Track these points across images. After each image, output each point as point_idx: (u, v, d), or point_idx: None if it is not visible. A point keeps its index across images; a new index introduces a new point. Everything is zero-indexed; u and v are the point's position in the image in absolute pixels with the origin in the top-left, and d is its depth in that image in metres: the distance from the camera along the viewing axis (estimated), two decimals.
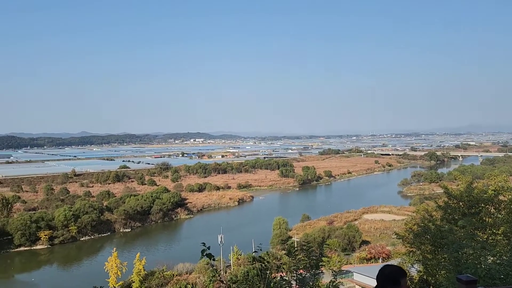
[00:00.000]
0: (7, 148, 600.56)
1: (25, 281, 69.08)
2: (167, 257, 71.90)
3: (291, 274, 8.35)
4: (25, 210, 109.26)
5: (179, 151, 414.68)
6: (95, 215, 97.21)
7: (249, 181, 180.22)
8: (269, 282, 7.71)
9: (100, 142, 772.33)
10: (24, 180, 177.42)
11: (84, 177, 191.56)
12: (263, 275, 7.74)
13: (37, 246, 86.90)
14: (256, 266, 8.22)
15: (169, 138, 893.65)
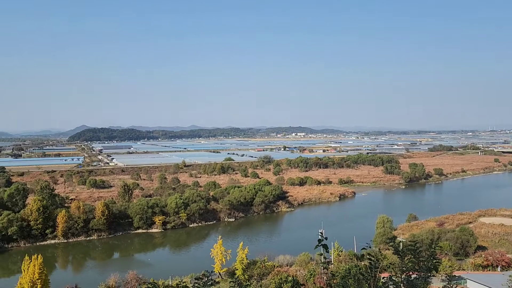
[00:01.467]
0: (128, 140, 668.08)
1: (142, 260, 76.26)
2: (268, 248, 73.52)
3: (399, 275, 7.76)
4: (142, 196, 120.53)
5: (281, 144, 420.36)
6: (203, 204, 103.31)
7: (351, 176, 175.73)
8: (376, 281, 7.26)
9: (207, 135, 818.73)
10: (142, 169, 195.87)
11: (193, 168, 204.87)
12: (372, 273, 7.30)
13: (153, 229, 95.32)
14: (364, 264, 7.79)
15: (271, 132, 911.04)
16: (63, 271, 72.89)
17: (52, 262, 74.30)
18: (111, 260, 79.11)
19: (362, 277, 7.62)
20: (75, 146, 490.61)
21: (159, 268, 68.76)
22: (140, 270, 61.10)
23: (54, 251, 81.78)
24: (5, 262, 75.84)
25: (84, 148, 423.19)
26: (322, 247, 7.47)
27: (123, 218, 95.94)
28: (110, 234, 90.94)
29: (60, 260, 79.14)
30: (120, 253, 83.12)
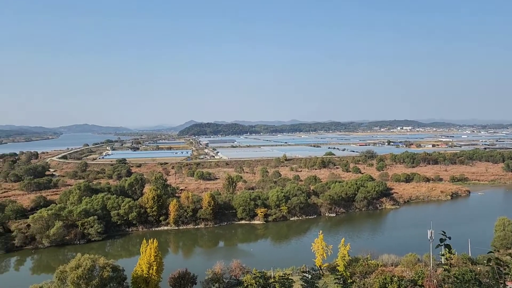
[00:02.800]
0: (232, 134, 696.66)
1: (245, 250, 79.06)
2: (371, 246, 70.93)
3: None
4: (245, 188, 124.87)
5: (385, 139, 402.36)
6: (303, 198, 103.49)
7: (464, 173, 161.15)
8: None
9: (308, 129, 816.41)
10: (244, 162, 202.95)
11: (293, 162, 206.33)
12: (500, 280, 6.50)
13: (255, 221, 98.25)
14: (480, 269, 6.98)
15: (374, 126, 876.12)
16: (175, 256, 78.82)
17: (165, 247, 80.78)
18: (217, 248, 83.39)
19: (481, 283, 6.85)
20: (184, 140, 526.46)
21: (261, 259, 70.62)
22: (243, 259, 63.36)
23: (167, 236, 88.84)
24: (127, 244, 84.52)
25: (192, 142, 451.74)
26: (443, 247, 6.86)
27: (227, 209, 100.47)
28: (215, 223, 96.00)
29: (172, 245, 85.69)
30: (224, 242, 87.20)
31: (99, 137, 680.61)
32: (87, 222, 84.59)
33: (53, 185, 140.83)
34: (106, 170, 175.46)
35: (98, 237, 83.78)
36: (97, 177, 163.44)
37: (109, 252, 77.49)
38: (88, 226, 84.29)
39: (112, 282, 48.86)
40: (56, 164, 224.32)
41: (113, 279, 49.04)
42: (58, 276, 46.97)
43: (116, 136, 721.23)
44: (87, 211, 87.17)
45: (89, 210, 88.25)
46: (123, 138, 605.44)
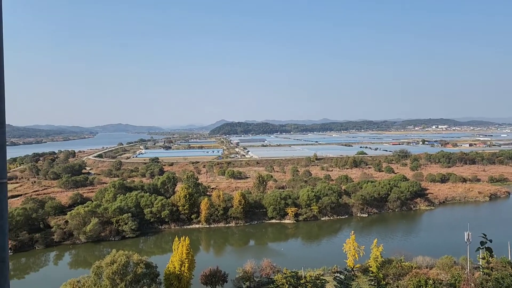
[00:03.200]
0: (263, 133, 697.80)
1: (276, 249, 78.99)
2: (405, 248, 69.31)
3: None
4: (276, 187, 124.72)
5: (419, 138, 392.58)
6: (334, 197, 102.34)
7: (504, 174, 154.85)
8: None
9: (339, 128, 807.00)
10: (275, 161, 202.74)
11: (324, 161, 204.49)
12: None
13: (285, 220, 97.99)
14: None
15: (408, 125, 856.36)
16: (206, 253, 79.72)
17: (196, 245, 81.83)
18: (247, 247, 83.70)
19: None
20: (215, 139, 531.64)
21: (291, 258, 70.36)
22: (273, 259, 63.33)
23: (198, 234, 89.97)
24: (159, 241, 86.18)
25: (223, 141, 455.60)
26: (484, 250, 6.58)
27: (258, 208, 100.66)
28: (246, 222, 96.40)
29: (203, 243, 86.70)
30: (255, 240, 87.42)
31: (132, 136, 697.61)
32: (121, 219, 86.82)
33: (89, 183, 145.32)
34: (139, 169, 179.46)
35: (132, 234, 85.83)
36: (131, 175, 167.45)
37: (143, 249, 79.24)
38: (122, 223, 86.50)
39: (146, 278, 49.92)
40: (92, 163, 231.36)
41: (146, 275, 50.10)
42: (95, 271, 48.45)
43: (149, 136, 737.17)
44: (121, 209, 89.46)
45: (124, 207, 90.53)
46: (155, 137, 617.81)
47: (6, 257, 2.29)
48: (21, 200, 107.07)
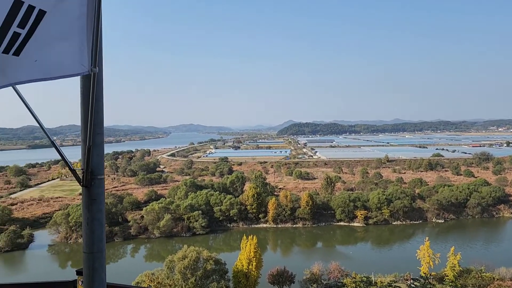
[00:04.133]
0: (331, 134, 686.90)
1: (344, 253, 77.22)
2: (485, 257, 64.29)
3: None
4: (344, 189, 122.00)
5: (503, 140, 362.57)
6: (407, 201, 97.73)
7: None
8: None
9: (413, 129, 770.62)
10: (343, 163, 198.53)
11: (396, 163, 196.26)
12: None
13: (354, 223, 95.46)
14: None
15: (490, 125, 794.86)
16: (273, 253, 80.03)
17: (264, 244, 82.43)
18: (315, 248, 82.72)
19: None
20: (283, 139, 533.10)
21: (360, 263, 68.30)
22: (341, 262, 61.93)
23: (265, 234, 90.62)
24: (228, 239, 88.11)
25: (290, 142, 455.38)
26: None
27: (325, 210, 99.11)
28: (313, 223, 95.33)
29: (271, 243, 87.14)
30: (323, 242, 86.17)
31: (203, 136, 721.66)
32: (192, 216, 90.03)
33: (163, 181, 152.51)
34: (209, 168, 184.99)
35: (202, 231, 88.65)
36: (201, 174, 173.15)
37: (212, 246, 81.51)
38: (193, 220, 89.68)
39: (215, 275, 51.25)
40: (165, 161, 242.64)
41: (215, 272, 51.43)
42: (167, 265, 50.73)
43: (219, 135, 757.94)
44: (192, 206, 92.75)
45: (194, 205, 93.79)
46: (225, 138, 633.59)
47: (104, 247, 2.54)
48: None
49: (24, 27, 2.09)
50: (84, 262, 2.46)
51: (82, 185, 2.45)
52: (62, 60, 2.15)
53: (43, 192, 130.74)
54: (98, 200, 2.55)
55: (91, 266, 2.45)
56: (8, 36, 2.07)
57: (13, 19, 2.06)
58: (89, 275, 2.42)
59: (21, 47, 2.11)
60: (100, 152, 2.49)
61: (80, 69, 2.15)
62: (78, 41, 2.13)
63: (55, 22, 2.12)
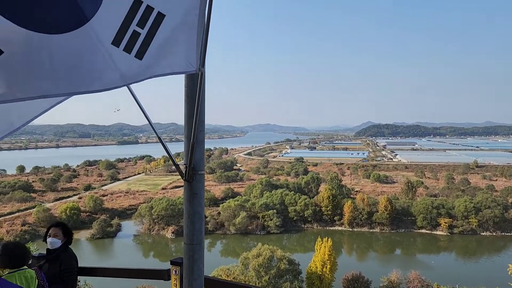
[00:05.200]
0: (413, 136, 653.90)
1: (425, 262, 73.02)
2: None
3: None
4: (427, 195, 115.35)
5: None
6: (499, 211, 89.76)
7: None
8: None
9: (507, 132, 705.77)
10: (426, 167, 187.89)
11: (486, 169, 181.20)
12: None
13: (437, 231, 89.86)
14: None
15: None
16: (348, 257, 78.17)
17: (338, 247, 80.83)
18: (393, 255, 79.37)
19: None
20: (360, 141, 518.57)
21: (443, 274, 64.08)
22: (422, 272, 58.68)
23: (340, 237, 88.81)
24: (302, 240, 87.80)
25: (368, 143, 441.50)
26: None
27: (405, 215, 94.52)
28: (392, 229, 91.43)
29: (346, 246, 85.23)
30: (401, 250, 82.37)
31: (279, 136, 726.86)
32: (267, 215, 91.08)
33: (239, 179, 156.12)
34: (285, 168, 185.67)
35: (276, 230, 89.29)
36: (276, 173, 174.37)
37: (286, 246, 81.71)
38: (267, 219, 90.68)
39: (288, 274, 51.39)
40: (242, 160, 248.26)
41: (289, 272, 51.57)
42: (242, 261, 51.91)
43: (295, 136, 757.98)
44: (267, 205, 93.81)
45: (269, 204, 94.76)
46: (301, 138, 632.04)
47: (203, 239, 2.74)
48: (182, 191, 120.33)
49: (143, 27, 2.10)
50: (184, 252, 2.59)
51: (185, 180, 2.58)
52: (173, 60, 2.22)
53: (130, 185, 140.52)
54: (199, 195, 2.67)
55: (191, 256, 2.57)
56: (128, 34, 2.08)
57: (133, 17, 2.08)
58: (189, 265, 2.55)
59: (143, 50, 2.12)
60: (201, 148, 2.61)
61: (188, 68, 2.26)
62: (188, 42, 2.19)
63: (172, 25, 2.14)
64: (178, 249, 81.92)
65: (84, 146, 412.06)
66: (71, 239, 5.46)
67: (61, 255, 5.18)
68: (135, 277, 5.25)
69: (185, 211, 2.66)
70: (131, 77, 2.22)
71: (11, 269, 4.29)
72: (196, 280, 2.62)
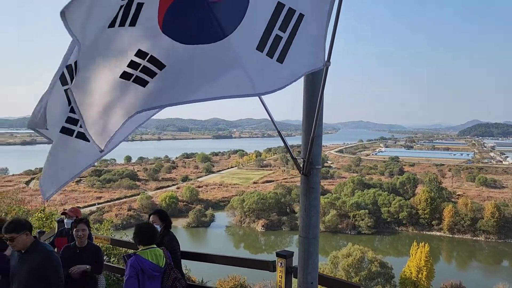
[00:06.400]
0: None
1: None
2: None
3: None
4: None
5: None
6: None
7: None
8: None
9: None
10: None
11: None
12: None
13: None
14: None
15: None
16: (446, 265, 72.84)
17: (436, 253, 75.67)
18: (499, 267, 72.23)
19: None
20: (464, 141, 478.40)
21: None
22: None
23: (438, 243, 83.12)
24: (395, 243, 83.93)
25: (474, 144, 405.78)
26: None
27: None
28: (499, 238, 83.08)
29: (444, 253, 79.54)
30: (510, 261, 74.59)
31: (373, 134, 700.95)
32: (358, 214, 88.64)
33: (330, 176, 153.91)
34: (378, 167, 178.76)
35: (367, 231, 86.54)
36: (369, 172, 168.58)
37: (377, 247, 78.75)
38: (359, 219, 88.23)
39: (380, 278, 49.58)
40: (333, 157, 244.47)
41: (380, 275, 49.73)
42: (332, 260, 51.28)
43: (390, 134, 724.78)
44: (358, 204, 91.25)
45: (360, 203, 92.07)
46: (396, 136, 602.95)
47: (318, 233, 2.75)
48: (273, 185, 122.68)
49: (285, 30, 2.17)
50: (300, 245, 2.62)
51: (302, 174, 2.59)
52: (306, 59, 2.25)
53: (223, 178, 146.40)
54: (316, 189, 2.69)
55: (307, 249, 2.61)
56: (271, 39, 2.16)
57: (275, 21, 2.16)
58: (304, 258, 2.57)
59: (284, 53, 2.18)
60: (319, 143, 2.64)
61: (316, 65, 2.25)
62: (318, 38, 2.21)
63: (309, 25, 2.19)
64: (267, 242, 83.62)
65: (182, 139, 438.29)
66: (169, 224, 5.95)
67: (164, 238, 5.68)
68: (242, 265, 5.49)
69: (301, 205, 2.68)
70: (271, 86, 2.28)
71: (144, 246, 4.85)
72: (311, 274, 2.63)
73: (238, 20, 2.21)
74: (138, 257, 4.69)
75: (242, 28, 2.21)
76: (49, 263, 4.54)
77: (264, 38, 2.20)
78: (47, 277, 4.52)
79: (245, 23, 2.21)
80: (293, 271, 4.64)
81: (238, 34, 2.22)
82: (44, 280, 4.50)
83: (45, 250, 4.66)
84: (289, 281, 4.68)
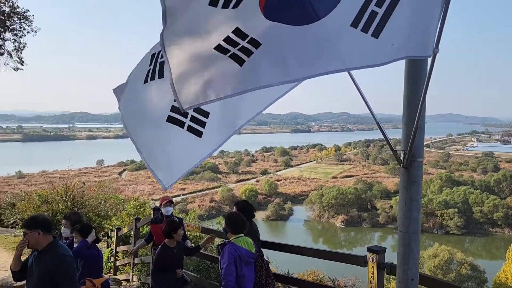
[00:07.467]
0: None
1: None
2: None
3: None
4: None
5: None
6: None
7: None
8: None
9: None
10: None
11: None
12: None
13: None
14: None
15: None
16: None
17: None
18: None
19: None
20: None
21: None
22: None
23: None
24: (489, 245, 77.65)
25: None
26: None
27: None
28: None
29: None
30: None
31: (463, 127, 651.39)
32: (446, 213, 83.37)
33: None
34: (469, 163, 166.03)
35: (456, 231, 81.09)
36: (459, 168, 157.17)
37: (468, 249, 73.45)
38: (447, 218, 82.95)
39: (471, 281, 46.27)
40: None
41: (471, 278, 46.46)
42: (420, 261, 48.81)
43: (483, 127, 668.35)
44: (446, 203, 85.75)
45: (449, 201, 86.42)
46: (491, 130, 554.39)
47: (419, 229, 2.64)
48: (353, 180, 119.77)
49: (381, 6, 2.15)
50: (399, 240, 2.57)
51: (402, 167, 2.55)
52: (409, 43, 2.19)
53: (302, 172, 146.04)
54: (417, 182, 2.64)
55: (407, 245, 2.56)
56: (367, 14, 2.16)
57: None
58: (404, 253, 2.53)
59: (379, 29, 2.15)
60: (421, 135, 2.55)
61: (423, 52, 2.17)
62: (427, 25, 2.15)
63: (410, 7, 2.13)
64: (347, 238, 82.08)
65: (261, 133, 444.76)
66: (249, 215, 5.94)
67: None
68: (332, 259, 5.48)
69: (400, 198, 2.62)
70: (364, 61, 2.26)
71: (236, 234, 5.12)
72: (411, 269, 2.57)
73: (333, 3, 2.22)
74: (234, 245, 4.97)
75: (338, 9, 2.21)
76: (59, 268, 4.16)
77: (360, 15, 2.17)
78: (56, 281, 4.15)
79: (341, 5, 2.20)
80: (385, 267, 4.54)
81: (333, 15, 2.22)
82: (53, 284, 4.15)
83: (58, 253, 4.27)
84: (381, 277, 4.58)
